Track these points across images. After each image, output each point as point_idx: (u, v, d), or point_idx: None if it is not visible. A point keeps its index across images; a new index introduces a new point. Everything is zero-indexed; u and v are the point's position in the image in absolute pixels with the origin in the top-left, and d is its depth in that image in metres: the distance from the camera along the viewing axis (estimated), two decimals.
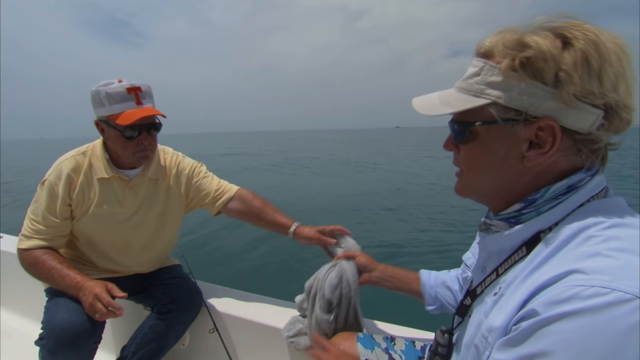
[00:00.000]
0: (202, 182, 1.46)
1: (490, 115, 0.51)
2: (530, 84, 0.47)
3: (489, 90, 0.51)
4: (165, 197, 1.40)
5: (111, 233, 1.31)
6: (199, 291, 1.46)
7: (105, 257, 1.34)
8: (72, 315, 1.13)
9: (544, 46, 0.46)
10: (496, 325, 0.47)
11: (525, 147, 0.50)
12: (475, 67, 0.53)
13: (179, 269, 1.55)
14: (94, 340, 1.16)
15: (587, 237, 0.45)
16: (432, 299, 0.98)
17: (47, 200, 1.21)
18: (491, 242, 0.58)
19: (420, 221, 5.71)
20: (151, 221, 1.37)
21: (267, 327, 1.33)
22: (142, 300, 1.46)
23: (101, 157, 1.26)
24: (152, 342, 1.33)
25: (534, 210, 0.52)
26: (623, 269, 0.39)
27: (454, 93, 0.56)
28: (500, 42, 0.50)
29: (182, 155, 1.50)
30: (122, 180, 1.30)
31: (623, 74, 0.46)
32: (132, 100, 1.16)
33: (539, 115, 0.48)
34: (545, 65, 0.46)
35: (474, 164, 0.57)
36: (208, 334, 1.38)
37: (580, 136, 0.48)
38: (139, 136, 1.21)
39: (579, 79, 0.45)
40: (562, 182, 0.50)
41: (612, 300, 0.36)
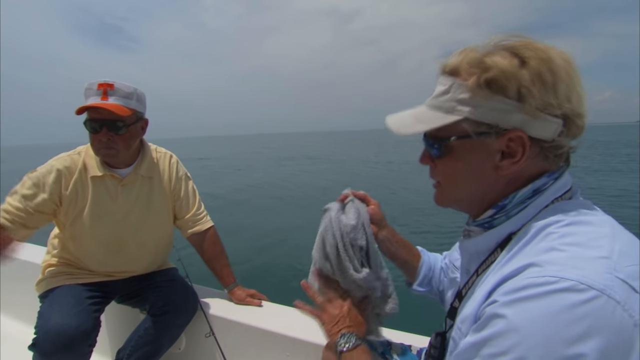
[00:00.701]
0: (189, 198, 1.50)
1: (463, 130, 0.55)
2: (497, 99, 0.51)
3: (460, 106, 0.54)
4: (159, 195, 1.41)
5: (106, 231, 1.31)
6: (194, 294, 1.45)
7: (100, 259, 1.34)
8: (67, 318, 1.12)
9: (503, 66, 0.50)
10: (466, 316, 0.51)
11: (498, 158, 0.54)
12: (444, 85, 0.56)
13: (174, 272, 1.55)
14: (89, 343, 1.16)
15: (546, 233, 0.49)
16: (426, 281, 0.94)
17: (29, 188, 1.22)
18: (469, 245, 0.63)
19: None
20: (145, 218, 1.38)
21: (263, 331, 1.32)
22: (138, 304, 1.46)
23: (94, 156, 1.28)
24: (147, 344, 1.32)
25: (504, 215, 0.56)
26: (572, 260, 0.43)
27: (426, 111, 0.59)
28: (465, 61, 0.54)
29: (177, 159, 1.52)
30: (114, 179, 1.31)
31: (573, 86, 0.51)
32: (98, 95, 1.19)
33: (508, 128, 0.52)
34: (508, 83, 0.50)
35: (451, 176, 0.61)
36: (204, 338, 1.37)
37: (546, 144, 0.53)
38: (100, 131, 1.20)
39: (537, 92, 0.49)
40: (528, 187, 0.55)
41: (558, 287, 0.40)
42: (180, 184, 1.49)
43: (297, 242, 5.04)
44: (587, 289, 0.40)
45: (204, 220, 1.52)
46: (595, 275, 0.41)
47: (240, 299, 1.50)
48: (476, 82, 0.52)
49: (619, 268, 0.42)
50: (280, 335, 1.28)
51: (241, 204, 7.91)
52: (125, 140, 1.25)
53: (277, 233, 5.55)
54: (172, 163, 1.49)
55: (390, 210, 6.52)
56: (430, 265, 0.95)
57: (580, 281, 0.40)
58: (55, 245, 1.39)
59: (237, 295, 1.51)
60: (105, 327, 1.25)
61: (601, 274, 0.41)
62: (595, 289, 0.40)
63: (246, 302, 1.50)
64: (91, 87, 1.19)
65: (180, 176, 1.49)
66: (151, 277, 1.47)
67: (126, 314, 1.56)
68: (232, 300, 1.53)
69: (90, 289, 1.30)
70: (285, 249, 4.74)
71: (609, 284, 0.40)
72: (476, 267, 0.60)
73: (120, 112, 1.19)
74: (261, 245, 4.90)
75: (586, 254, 0.44)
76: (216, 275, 1.54)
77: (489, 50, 0.53)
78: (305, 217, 6.47)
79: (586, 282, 0.40)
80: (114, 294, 1.41)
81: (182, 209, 1.49)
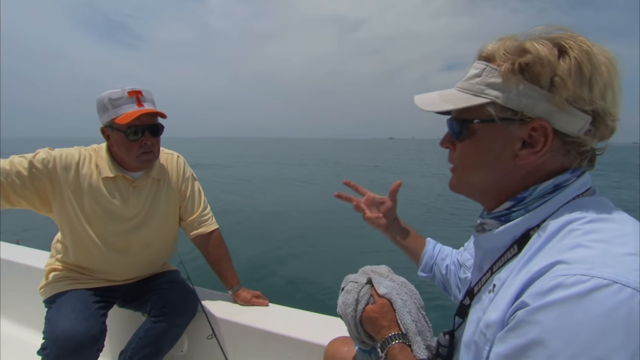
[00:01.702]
0: (195, 199, 1.53)
1: (488, 114, 0.54)
2: (527, 86, 0.51)
3: (489, 90, 0.54)
4: (167, 197, 1.44)
5: (113, 233, 1.33)
6: (194, 295, 1.47)
7: (104, 259, 1.34)
8: (75, 324, 1.14)
9: (542, 52, 0.50)
10: (493, 320, 0.49)
11: (518, 146, 0.54)
12: (476, 69, 0.56)
13: (175, 274, 1.57)
14: (97, 348, 1.18)
15: (569, 230, 0.48)
16: (428, 268, 1.01)
17: (35, 157, 1.23)
18: (484, 240, 0.61)
19: None
20: (153, 219, 1.40)
21: (265, 332, 1.35)
22: (139, 307, 1.48)
23: (106, 158, 1.32)
24: (148, 346, 1.34)
25: (523, 208, 0.55)
26: (601, 257, 0.42)
27: (455, 92, 0.59)
28: (502, 48, 0.54)
29: (183, 159, 1.56)
30: (126, 180, 1.34)
31: (611, 84, 0.50)
32: (133, 102, 1.24)
33: (533, 117, 0.52)
34: (542, 70, 0.50)
35: (469, 160, 0.60)
36: (206, 340, 1.39)
37: (569, 139, 0.52)
38: (142, 137, 1.27)
39: (572, 84, 0.49)
40: (549, 181, 0.53)
41: (591, 287, 0.39)
42: (187, 185, 1.51)
43: (296, 243, 5.06)
44: (622, 288, 0.39)
45: (209, 222, 1.54)
46: (627, 272, 0.40)
47: (245, 300, 1.53)
48: (510, 66, 0.52)
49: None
50: (282, 336, 1.31)
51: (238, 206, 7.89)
52: (159, 143, 1.35)
53: (278, 235, 5.57)
54: (179, 164, 1.52)
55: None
56: (432, 255, 1.00)
57: (614, 279, 0.39)
58: (58, 249, 1.40)
59: (242, 297, 1.54)
60: (110, 332, 1.27)
61: (632, 270, 0.40)
62: (630, 287, 0.39)
63: (252, 303, 1.52)
64: (122, 96, 1.23)
65: (187, 177, 1.52)
66: (152, 280, 1.50)
67: (128, 317, 1.58)
68: (234, 302, 1.55)
69: (95, 294, 1.32)
70: (286, 250, 4.76)
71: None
72: (490, 265, 0.59)
73: (163, 117, 1.31)
74: (260, 247, 4.90)
75: (614, 251, 0.43)
76: (220, 278, 1.56)
77: (530, 39, 0.52)
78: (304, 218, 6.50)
79: (619, 280, 0.39)
80: (116, 298, 1.43)
81: (187, 210, 1.51)
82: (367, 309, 0.73)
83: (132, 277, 1.45)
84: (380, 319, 0.71)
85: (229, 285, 1.55)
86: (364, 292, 0.76)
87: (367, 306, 0.74)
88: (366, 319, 0.73)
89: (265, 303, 1.53)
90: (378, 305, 0.72)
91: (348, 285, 0.79)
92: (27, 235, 5.19)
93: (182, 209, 1.51)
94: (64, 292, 1.29)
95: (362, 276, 0.80)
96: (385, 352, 0.67)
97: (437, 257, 1.00)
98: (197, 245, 1.55)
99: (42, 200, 1.26)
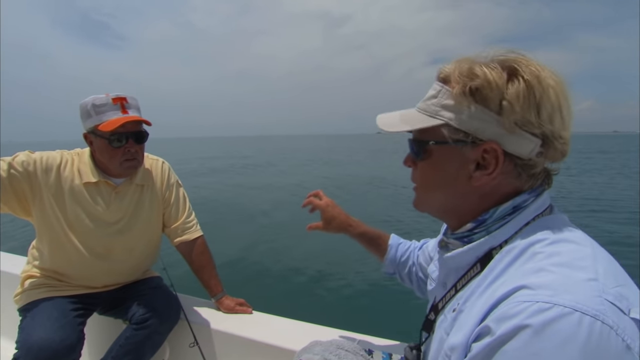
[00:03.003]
0: (179, 205, 1.51)
1: (442, 136, 0.56)
2: (478, 109, 0.53)
3: (443, 112, 0.56)
4: (150, 203, 1.43)
5: (94, 238, 1.30)
6: (177, 302, 1.46)
7: (83, 267, 1.32)
8: (50, 332, 1.11)
9: (490, 77, 0.52)
10: (457, 344, 0.50)
11: (472, 168, 0.56)
12: (434, 90, 0.58)
13: (157, 280, 1.55)
14: (73, 357, 1.14)
15: (532, 253, 0.49)
16: (393, 266, 1.07)
17: (14, 159, 1.20)
18: (448, 259, 0.62)
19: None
20: (136, 226, 1.38)
21: (248, 340, 1.33)
22: (120, 314, 1.45)
23: (88, 163, 1.30)
24: (128, 353, 1.31)
25: (484, 229, 0.57)
26: (563, 284, 0.44)
27: (414, 112, 0.61)
28: (457, 70, 0.55)
29: (168, 165, 1.55)
30: (108, 186, 1.33)
31: (559, 108, 0.52)
32: (118, 109, 1.23)
33: (484, 139, 0.53)
34: (491, 94, 0.52)
35: (427, 180, 0.63)
36: (188, 348, 1.37)
37: (520, 161, 0.54)
38: (125, 144, 1.25)
39: (519, 108, 0.50)
40: (508, 203, 0.55)
41: (553, 316, 0.40)
42: (172, 191, 1.50)
43: (278, 247, 5.04)
44: (581, 316, 0.40)
45: (193, 229, 1.53)
46: (587, 299, 0.41)
47: (229, 308, 1.51)
48: (461, 89, 0.53)
49: (607, 290, 0.43)
50: (265, 344, 1.30)
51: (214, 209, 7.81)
52: (143, 150, 1.34)
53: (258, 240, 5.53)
54: (164, 170, 1.51)
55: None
56: (396, 251, 1.06)
57: (574, 307, 0.41)
58: (35, 255, 1.36)
59: (226, 304, 1.52)
60: (87, 339, 1.24)
61: (592, 297, 0.42)
62: (590, 315, 0.40)
63: (236, 311, 1.51)
64: (106, 103, 1.21)
65: (171, 183, 1.51)
66: (133, 286, 1.47)
67: (108, 325, 1.54)
68: (217, 309, 1.53)
69: (73, 301, 1.29)
70: (267, 255, 4.73)
71: (600, 308, 0.41)
72: (454, 282, 0.60)
73: (147, 124, 1.31)
74: (242, 252, 4.86)
75: (575, 276, 0.44)
76: (204, 285, 1.55)
77: (482, 62, 0.54)
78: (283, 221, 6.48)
79: (579, 308, 0.40)
80: (96, 305, 1.40)
81: (171, 217, 1.50)
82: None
83: (112, 284, 1.42)
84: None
85: (213, 292, 1.54)
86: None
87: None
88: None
89: (249, 311, 1.52)
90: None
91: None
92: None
93: (165, 216, 1.50)
94: (41, 299, 1.25)
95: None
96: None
97: (399, 258, 1.05)
98: (181, 252, 1.53)
99: (22, 203, 1.23)
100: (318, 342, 0.93)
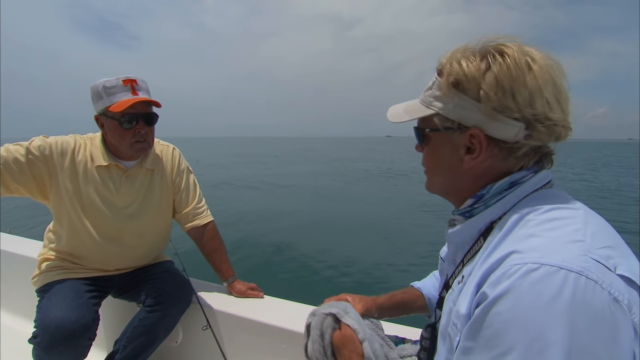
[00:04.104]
0: (189, 191, 1.52)
1: (434, 124, 0.62)
2: (461, 98, 0.57)
3: (435, 102, 0.61)
4: (160, 188, 1.44)
5: (106, 221, 1.32)
6: (188, 285, 1.47)
7: (97, 248, 1.33)
8: (67, 312, 1.13)
9: (467, 69, 0.56)
10: (462, 312, 0.52)
11: (463, 152, 0.60)
12: (430, 82, 0.63)
13: (169, 264, 1.57)
14: (88, 337, 1.17)
15: (526, 221, 0.52)
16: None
17: (31, 144, 1.23)
18: (453, 234, 0.65)
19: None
20: (146, 210, 1.40)
21: (260, 323, 1.34)
22: (134, 297, 1.47)
23: (99, 146, 1.32)
24: (142, 335, 1.34)
25: (483, 204, 0.60)
26: (550, 245, 0.46)
27: (416, 103, 0.66)
28: (448, 62, 0.59)
29: (179, 151, 1.56)
30: (119, 169, 1.34)
31: (539, 91, 0.53)
32: (128, 90, 1.24)
33: (469, 125, 0.57)
34: (469, 85, 0.56)
35: (429, 164, 0.68)
36: (201, 331, 1.39)
37: (505, 144, 0.56)
38: (136, 125, 1.27)
39: (494, 95, 0.53)
40: (504, 179, 0.58)
41: (541, 275, 0.43)
42: (182, 177, 1.51)
43: (292, 236, 5.07)
44: (567, 274, 0.42)
45: (203, 214, 1.54)
46: (572, 258, 0.44)
47: (240, 292, 1.52)
48: (446, 81, 0.58)
49: (593, 250, 0.45)
50: (277, 327, 1.31)
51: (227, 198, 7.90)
52: (153, 132, 1.35)
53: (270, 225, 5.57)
54: (174, 156, 1.52)
55: None
56: (429, 296, 0.98)
57: (560, 265, 0.43)
58: (51, 239, 1.39)
59: (237, 288, 1.53)
60: (102, 321, 1.26)
61: (577, 256, 0.44)
62: (574, 271, 0.42)
63: (247, 295, 1.52)
64: (116, 84, 1.23)
65: (182, 169, 1.52)
66: (146, 270, 1.49)
67: (123, 308, 1.57)
68: (229, 294, 1.55)
69: (88, 284, 1.31)
70: (282, 243, 4.77)
71: (585, 265, 0.43)
72: (462, 257, 0.63)
73: (157, 106, 1.31)
74: (253, 239, 4.91)
75: (562, 239, 0.47)
76: (215, 269, 1.56)
77: (465, 54, 0.57)
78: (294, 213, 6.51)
79: (565, 266, 0.43)
80: (110, 288, 1.42)
81: (181, 202, 1.50)
82: (333, 336, 0.79)
83: (125, 268, 1.44)
84: (342, 348, 0.77)
85: (224, 277, 1.55)
86: (327, 322, 0.81)
87: (334, 333, 0.79)
88: (333, 345, 0.79)
89: (260, 295, 1.53)
90: (341, 334, 0.78)
91: (312, 320, 0.85)
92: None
93: (176, 201, 1.51)
94: (56, 281, 1.28)
95: (325, 309, 0.86)
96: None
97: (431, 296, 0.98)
98: (192, 237, 1.54)
99: (40, 187, 1.26)
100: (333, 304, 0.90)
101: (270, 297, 1.53)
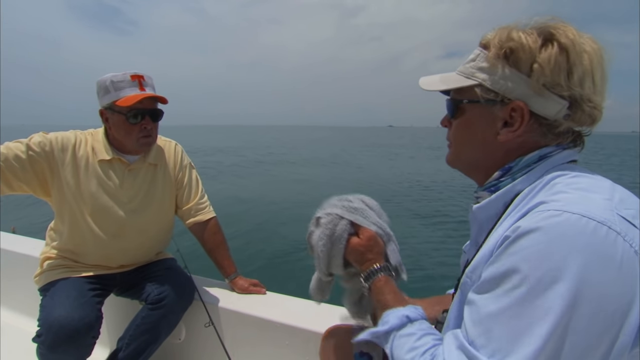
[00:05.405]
0: (192, 187, 1.52)
1: (475, 95, 0.61)
2: (510, 70, 0.57)
3: (478, 73, 0.60)
4: (163, 184, 1.44)
5: (109, 216, 1.32)
6: (191, 282, 1.48)
7: (99, 245, 1.33)
8: (70, 311, 1.14)
9: (524, 40, 0.55)
10: (478, 262, 0.54)
11: (500, 125, 0.60)
12: (473, 54, 0.63)
13: (171, 262, 1.57)
14: (92, 335, 1.17)
15: (553, 184, 0.53)
16: None
17: (31, 140, 1.23)
18: (478, 211, 0.64)
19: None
20: (148, 205, 1.40)
21: (262, 320, 1.35)
22: (136, 295, 1.47)
23: (102, 141, 1.32)
24: (145, 333, 1.34)
25: (510, 177, 0.60)
26: (576, 199, 0.48)
27: (453, 75, 0.65)
28: (497, 37, 0.59)
29: (181, 147, 1.56)
30: (122, 163, 1.35)
31: (590, 73, 0.54)
32: (135, 86, 1.25)
33: (513, 98, 0.57)
34: (523, 56, 0.55)
35: (459, 137, 0.67)
36: (204, 328, 1.39)
37: (545, 121, 0.57)
38: (142, 120, 1.28)
39: (549, 71, 0.53)
40: (534, 152, 0.59)
41: (561, 220, 0.44)
42: (184, 173, 1.51)
43: (293, 232, 5.07)
44: (588, 221, 0.43)
45: (205, 210, 1.54)
46: (596, 209, 0.45)
47: (243, 288, 1.53)
48: (496, 52, 0.57)
49: (620, 208, 0.46)
50: (279, 324, 1.31)
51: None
52: (157, 129, 1.36)
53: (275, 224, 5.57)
54: (176, 152, 1.52)
55: None
56: None
57: (582, 214, 0.44)
58: (53, 237, 1.39)
59: (240, 285, 1.54)
60: (105, 319, 1.27)
61: (603, 209, 0.45)
62: (597, 220, 0.43)
63: (249, 291, 1.52)
64: (124, 79, 1.23)
65: (184, 165, 1.52)
66: (148, 267, 1.49)
67: (125, 306, 1.58)
68: (231, 290, 1.55)
69: (90, 282, 1.31)
70: (280, 237, 4.77)
71: (609, 217, 0.44)
72: (484, 237, 0.62)
73: (164, 102, 1.33)
74: (255, 235, 4.91)
75: (589, 196, 0.48)
76: (217, 266, 1.56)
77: (519, 28, 0.57)
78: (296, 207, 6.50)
79: (587, 214, 0.44)
80: (112, 286, 1.43)
81: (184, 198, 1.51)
82: (352, 242, 0.75)
83: (127, 264, 1.44)
84: (366, 252, 0.73)
85: (226, 273, 1.55)
86: (342, 226, 0.76)
87: (351, 238, 0.75)
88: (351, 251, 0.75)
89: (263, 291, 1.53)
90: (365, 238, 0.74)
91: (325, 218, 0.77)
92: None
93: (178, 197, 1.51)
94: (59, 280, 1.28)
95: (339, 209, 0.78)
96: (370, 283, 0.71)
97: None
98: (194, 233, 1.54)
99: (42, 183, 1.26)
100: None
101: (272, 293, 1.53)
